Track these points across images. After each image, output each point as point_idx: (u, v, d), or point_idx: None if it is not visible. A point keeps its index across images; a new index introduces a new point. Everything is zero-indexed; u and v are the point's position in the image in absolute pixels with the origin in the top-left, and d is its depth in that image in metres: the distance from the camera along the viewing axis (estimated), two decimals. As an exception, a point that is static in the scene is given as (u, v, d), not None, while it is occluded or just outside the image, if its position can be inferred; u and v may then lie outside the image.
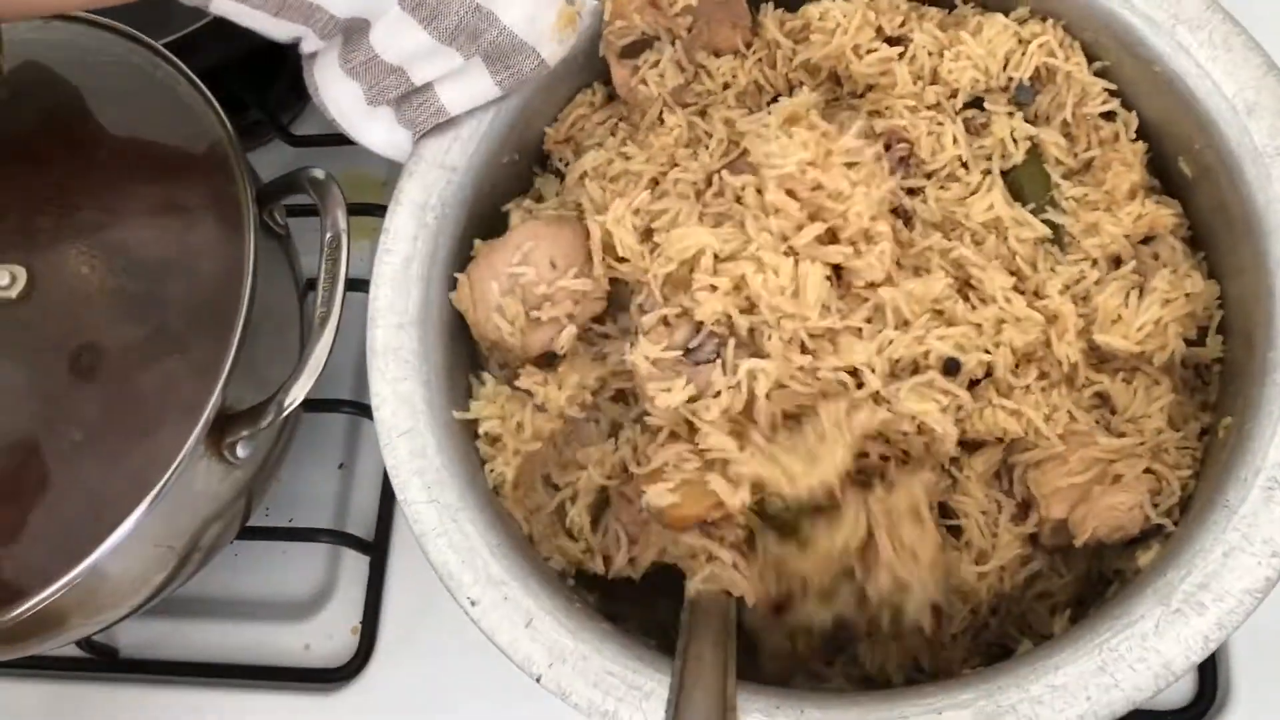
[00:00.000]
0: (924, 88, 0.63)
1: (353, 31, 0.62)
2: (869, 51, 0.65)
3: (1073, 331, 0.59)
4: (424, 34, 0.61)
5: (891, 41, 0.65)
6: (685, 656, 0.53)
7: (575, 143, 0.69)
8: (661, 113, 0.67)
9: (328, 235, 0.67)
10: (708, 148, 0.65)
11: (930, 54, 0.64)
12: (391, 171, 0.90)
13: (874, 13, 0.66)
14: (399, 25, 0.61)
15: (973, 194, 0.62)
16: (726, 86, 0.66)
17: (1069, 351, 0.59)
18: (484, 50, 0.62)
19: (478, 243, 0.65)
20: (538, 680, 0.53)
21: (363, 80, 0.64)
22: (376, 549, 0.80)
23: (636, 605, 0.63)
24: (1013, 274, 0.60)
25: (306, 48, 0.64)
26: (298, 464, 0.82)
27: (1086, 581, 0.61)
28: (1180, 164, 0.63)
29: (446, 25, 0.61)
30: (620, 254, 0.61)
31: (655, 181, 0.64)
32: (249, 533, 0.76)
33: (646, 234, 0.62)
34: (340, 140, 0.88)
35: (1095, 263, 0.61)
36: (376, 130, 0.66)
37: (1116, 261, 0.62)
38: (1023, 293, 0.60)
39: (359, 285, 0.71)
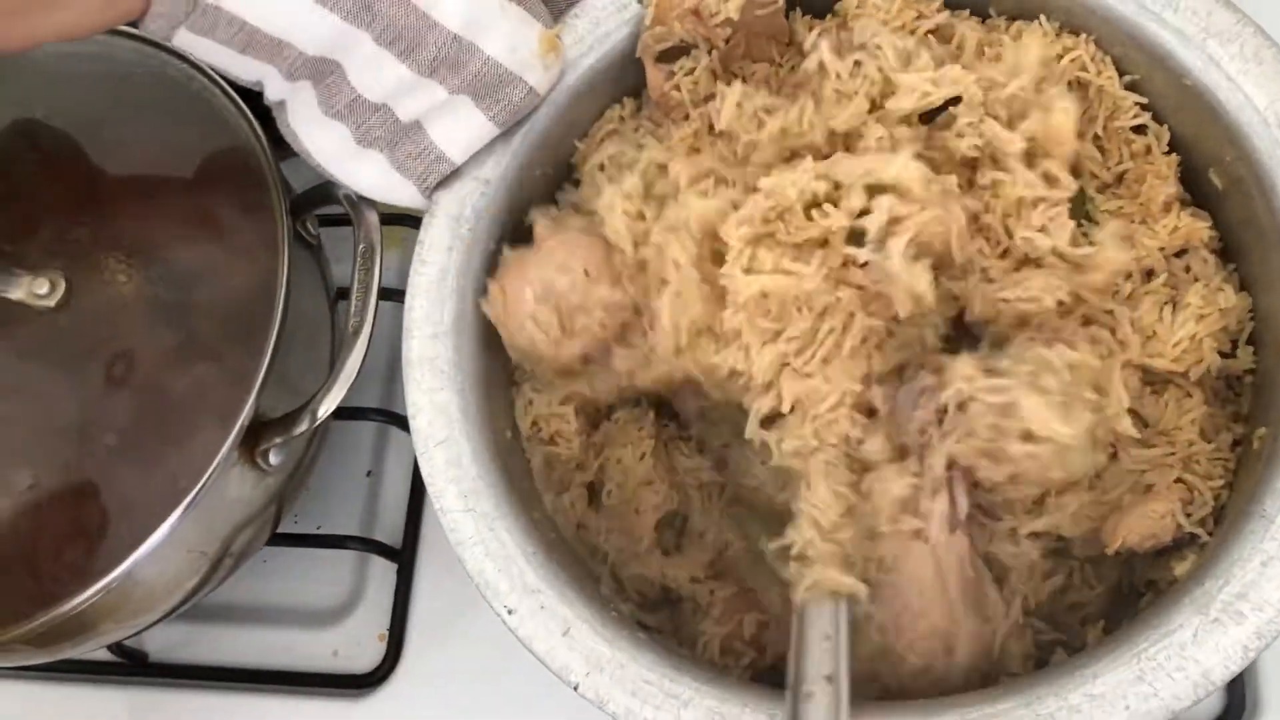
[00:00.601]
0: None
1: (324, 74, 0.61)
2: (911, 32, 0.65)
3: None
4: (403, 68, 0.60)
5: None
6: (798, 672, 0.51)
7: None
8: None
9: (360, 246, 0.67)
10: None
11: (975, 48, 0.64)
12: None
13: None
14: (376, 61, 0.59)
15: None
16: None
17: (1133, 382, 0.59)
18: (469, 85, 0.61)
19: (506, 251, 0.65)
20: (575, 688, 0.54)
21: (348, 121, 0.63)
22: (404, 556, 0.80)
23: (669, 614, 0.64)
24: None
25: (271, 94, 0.63)
26: (326, 471, 0.82)
27: (1118, 593, 0.61)
28: (1210, 176, 0.63)
29: (425, 57, 0.59)
30: (614, 242, 0.61)
31: (664, 168, 0.64)
32: (278, 539, 0.77)
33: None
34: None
35: (1130, 276, 0.61)
36: (367, 171, 0.65)
37: (1148, 274, 0.62)
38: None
39: (389, 294, 0.71)
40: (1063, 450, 0.53)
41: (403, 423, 0.80)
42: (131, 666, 0.81)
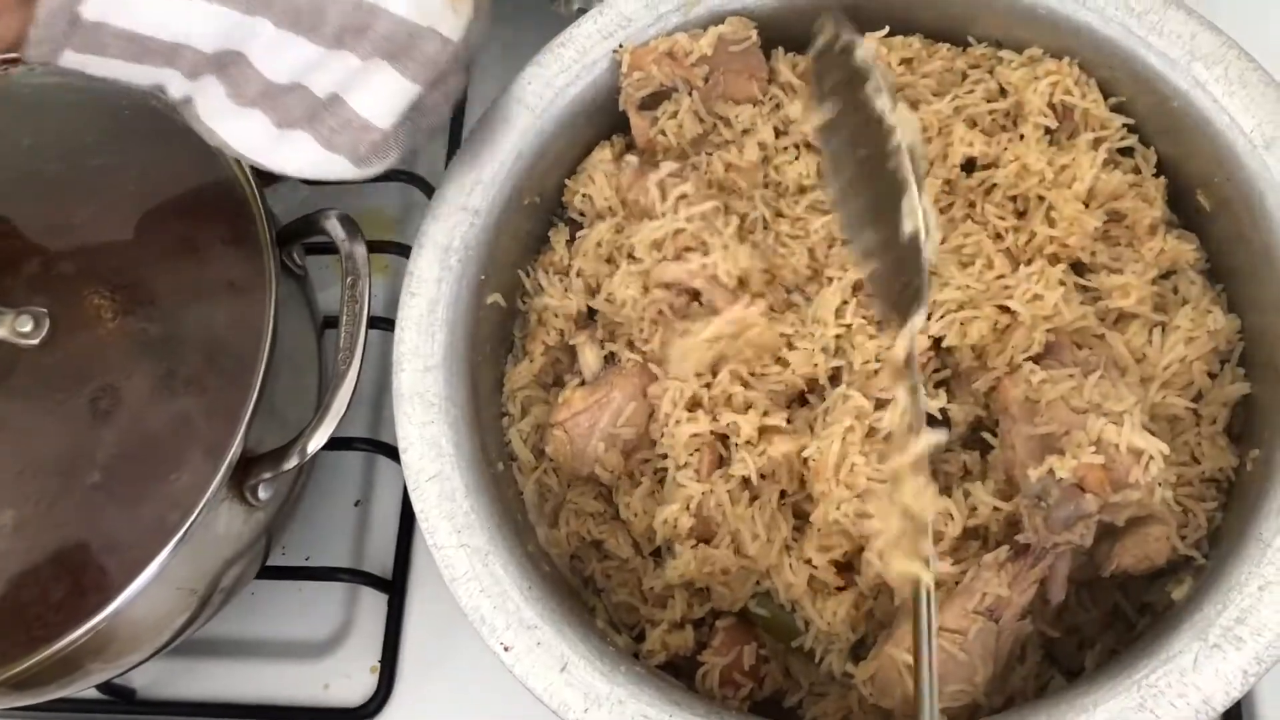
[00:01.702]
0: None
1: (226, 65, 0.59)
2: None
3: None
4: (309, 45, 0.57)
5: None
6: None
7: (591, 200, 0.69)
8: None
9: (349, 279, 0.66)
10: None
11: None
12: (404, 209, 0.90)
13: (886, 48, 0.67)
14: (279, 44, 0.57)
15: None
16: (746, 133, 0.67)
17: None
18: (380, 48, 0.58)
19: (568, 391, 0.65)
20: (573, 727, 0.53)
21: (263, 107, 0.60)
22: (395, 587, 0.79)
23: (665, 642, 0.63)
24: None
25: (175, 92, 0.60)
26: (313, 502, 0.81)
27: (1114, 616, 0.61)
28: (1198, 197, 0.63)
29: (329, 30, 0.57)
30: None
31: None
32: (265, 572, 0.76)
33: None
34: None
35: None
36: (294, 154, 0.62)
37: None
38: None
39: (375, 323, 0.71)
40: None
41: (391, 452, 0.80)
42: (118, 704, 0.80)
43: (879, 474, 0.58)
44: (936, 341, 0.61)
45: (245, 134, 0.61)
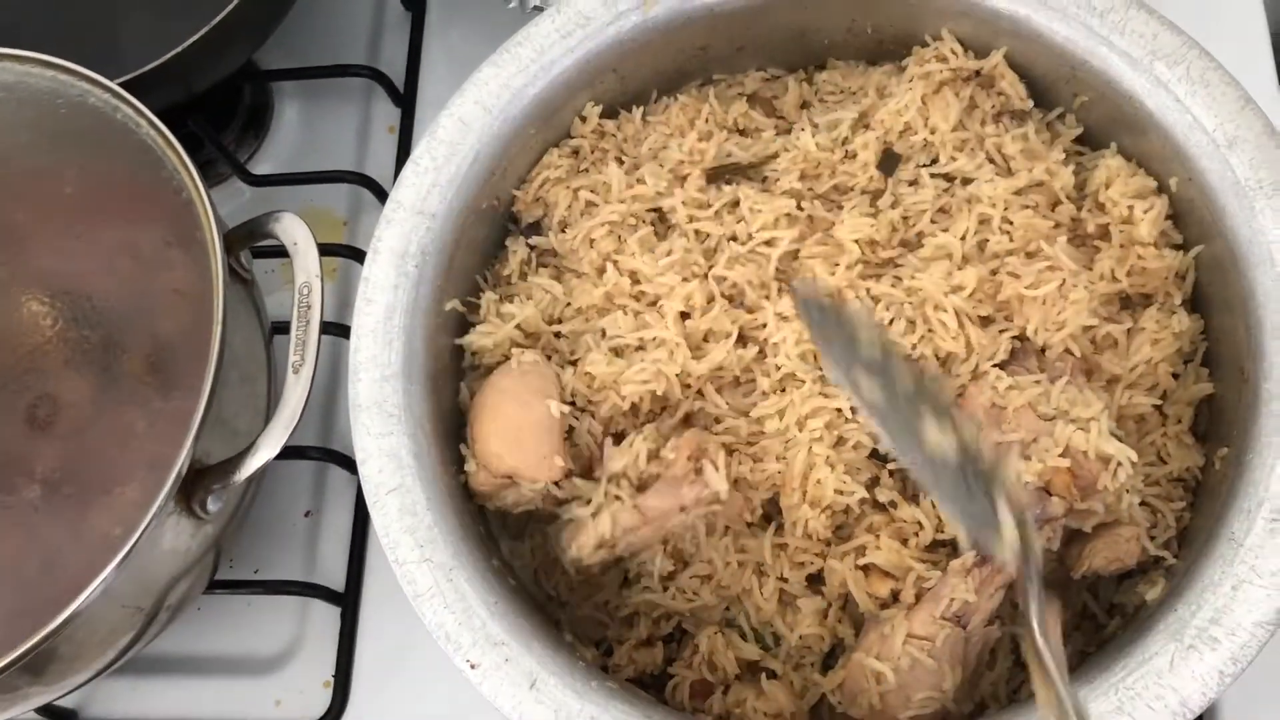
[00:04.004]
0: None
1: None
2: None
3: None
4: None
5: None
6: None
7: (544, 203, 0.68)
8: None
9: (300, 281, 0.64)
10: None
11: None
12: (354, 210, 0.88)
13: None
14: None
15: None
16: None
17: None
18: None
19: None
20: (544, 744, 0.52)
21: None
22: (348, 599, 0.77)
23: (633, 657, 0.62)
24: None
25: None
26: (263, 512, 0.79)
27: (1083, 619, 0.61)
28: (1162, 199, 0.63)
29: None
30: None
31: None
32: (214, 586, 0.73)
33: None
34: (299, 180, 0.86)
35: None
36: None
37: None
38: None
39: (325, 328, 0.69)
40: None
41: (343, 461, 0.78)
42: (59, 726, 0.77)
43: (845, 486, 0.58)
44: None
45: None
